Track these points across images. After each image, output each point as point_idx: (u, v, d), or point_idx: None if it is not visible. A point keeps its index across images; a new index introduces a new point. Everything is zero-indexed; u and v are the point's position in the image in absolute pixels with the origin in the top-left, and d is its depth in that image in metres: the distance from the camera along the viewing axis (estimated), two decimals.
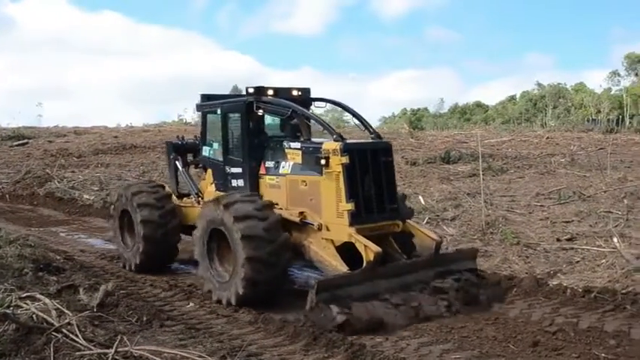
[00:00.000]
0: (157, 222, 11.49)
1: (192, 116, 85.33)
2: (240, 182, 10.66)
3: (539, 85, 78.34)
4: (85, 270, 11.81)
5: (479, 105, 79.52)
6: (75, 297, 9.07)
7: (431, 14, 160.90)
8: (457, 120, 74.49)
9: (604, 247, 11.29)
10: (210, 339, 7.78)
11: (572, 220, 13.71)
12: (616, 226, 12.68)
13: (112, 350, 6.61)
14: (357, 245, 8.79)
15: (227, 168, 10.93)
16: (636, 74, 72.47)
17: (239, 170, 10.68)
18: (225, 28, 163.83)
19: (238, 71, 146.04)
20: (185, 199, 12.48)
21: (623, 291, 9.17)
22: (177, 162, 12.74)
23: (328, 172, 9.13)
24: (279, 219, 9.20)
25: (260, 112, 10.48)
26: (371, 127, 10.60)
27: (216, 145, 11.33)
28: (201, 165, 12.73)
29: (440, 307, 8.63)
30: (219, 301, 9.39)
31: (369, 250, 8.60)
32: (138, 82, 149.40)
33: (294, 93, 10.70)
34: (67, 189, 23.59)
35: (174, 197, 12.19)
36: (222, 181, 11.07)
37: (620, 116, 68.61)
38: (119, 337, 6.98)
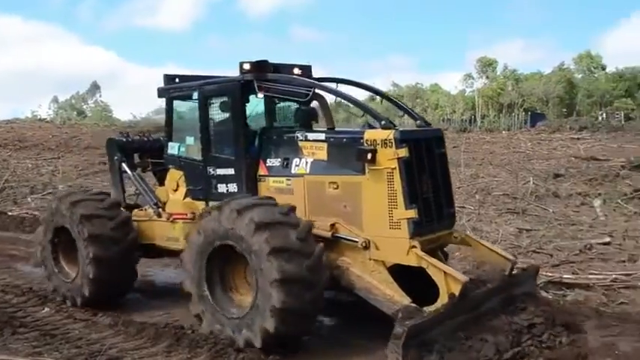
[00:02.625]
0: (116, 260, 8.86)
1: (48, 112, 79.32)
2: (233, 187, 8.26)
3: (395, 85, 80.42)
4: None
5: (340, 104, 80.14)
6: None
7: (297, 14, 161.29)
8: None
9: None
10: (67, 345, 7.43)
11: None
12: (469, 220, 13.40)
13: None
14: (432, 272, 6.73)
15: (210, 169, 8.47)
16: (487, 77, 76.20)
17: (229, 172, 8.27)
18: (88, 21, 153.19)
19: (100, 67, 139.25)
20: (136, 211, 9.80)
21: None
22: (124, 164, 10.01)
23: (375, 170, 7.04)
24: (323, 253, 6.98)
25: (260, 96, 8.18)
26: (413, 110, 8.58)
27: (190, 141, 8.83)
28: (150, 167, 10.17)
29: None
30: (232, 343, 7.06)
31: (452, 279, 6.59)
32: None
33: (296, 71, 8.49)
34: None
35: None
36: (203, 186, 8.60)
37: (473, 116, 71.94)
38: None
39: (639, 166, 18.63)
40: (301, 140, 7.82)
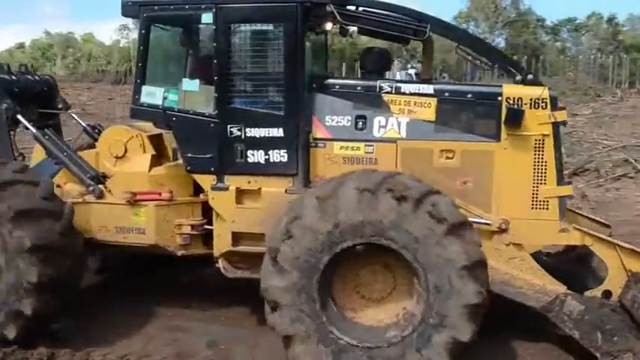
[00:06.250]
0: (63, 282, 5.63)
1: None
2: (279, 155, 5.79)
3: (47, 33, 73.31)
4: None
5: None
6: None
7: None
8: None
9: None
10: None
11: None
12: None
13: None
14: (598, 248, 5.63)
15: (232, 129, 5.81)
16: None
17: (274, 133, 5.77)
18: None
19: None
20: None
21: None
22: (19, 117, 6.45)
23: (518, 137, 5.56)
24: None
25: (328, 27, 5.86)
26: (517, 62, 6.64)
27: (191, 85, 5.95)
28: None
29: None
30: None
31: (628, 255, 5.53)
32: None
33: None
34: None
35: None
36: (216, 153, 5.87)
37: (129, 68, 70.45)
38: None
39: None
40: (388, 93, 5.78)
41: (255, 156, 5.82)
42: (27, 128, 6.52)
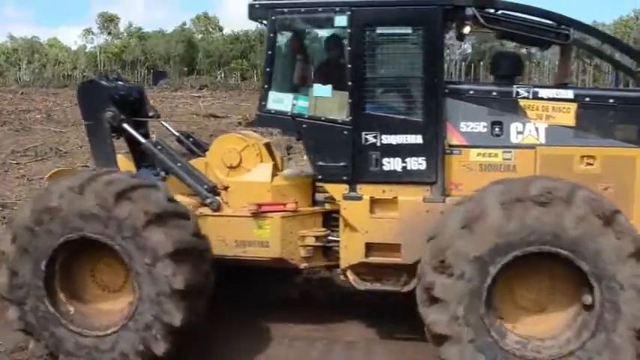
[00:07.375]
0: (206, 286, 5.35)
1: None
2: (417, 162, 5.58)
3: (12, 38, 71.73)
4: None
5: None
6: None
7: None
8: None
9: None
10: None
11: None
12: None
13: None
14: None
15: (367, 136, 5.59)
16: (109, 33, 72.95)
17: (412, 140, 5.56)
18: None
19: None
20: None
21: None
22: (126, 125, 6.12)
23: None
24: None
25: (465, 31, 5.68)
26: None
27: (323, 91, 5.70)
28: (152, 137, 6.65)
29: None
30: None
31: None
32: None
33: None
34: None
35: None
36: (348, 161, 5.64)
37: (95, 73, 69.71)
38: None
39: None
40: (524, 98, 5.64)
41: (392, 164, 5.61)
42: (142, 141, 6.19)
